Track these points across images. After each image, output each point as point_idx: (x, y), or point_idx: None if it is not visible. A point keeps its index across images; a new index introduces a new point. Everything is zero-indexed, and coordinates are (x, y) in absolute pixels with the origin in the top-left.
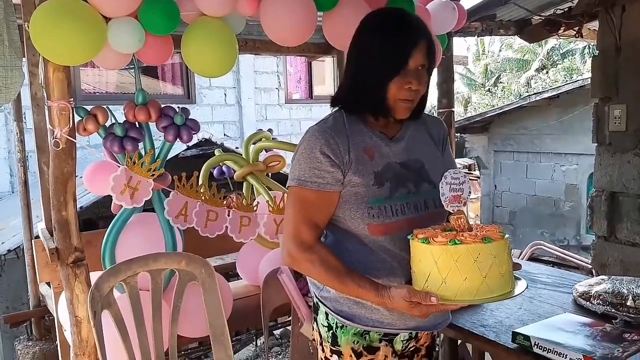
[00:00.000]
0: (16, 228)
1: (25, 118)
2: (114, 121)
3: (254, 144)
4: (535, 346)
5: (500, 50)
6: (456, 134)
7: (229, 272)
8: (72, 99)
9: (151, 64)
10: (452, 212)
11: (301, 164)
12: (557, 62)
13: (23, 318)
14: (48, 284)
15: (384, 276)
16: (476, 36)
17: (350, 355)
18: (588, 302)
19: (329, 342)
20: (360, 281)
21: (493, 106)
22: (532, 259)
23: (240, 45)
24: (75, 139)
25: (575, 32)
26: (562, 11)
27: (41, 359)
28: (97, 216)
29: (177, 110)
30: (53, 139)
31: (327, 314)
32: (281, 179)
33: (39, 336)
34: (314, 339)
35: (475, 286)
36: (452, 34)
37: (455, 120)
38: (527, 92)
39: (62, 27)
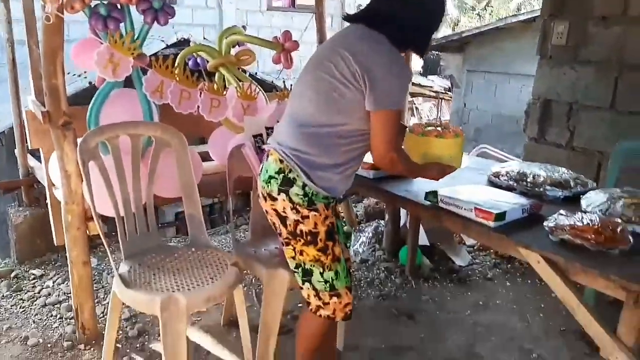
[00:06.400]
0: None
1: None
2: (98, 1)
3: (226, 38)
4: (441, 202)
5: None
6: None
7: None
8: None
9: None
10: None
11: (401, 90)
12: None
13: (15, 185)
14: (37, 158)
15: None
16: None
17: (322, 208)
18: (497, 179)
19: (304, 205)
20: (416, 164)
21: None
22: None
23: None
24: (63, 15)
25: None
26: None
27: (31, 221)
28: None
29: None
30: (44, 13)
31: (304, 186)
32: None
33: (29, 203)
34: (274, 209)
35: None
36: None
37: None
38: None
39: None
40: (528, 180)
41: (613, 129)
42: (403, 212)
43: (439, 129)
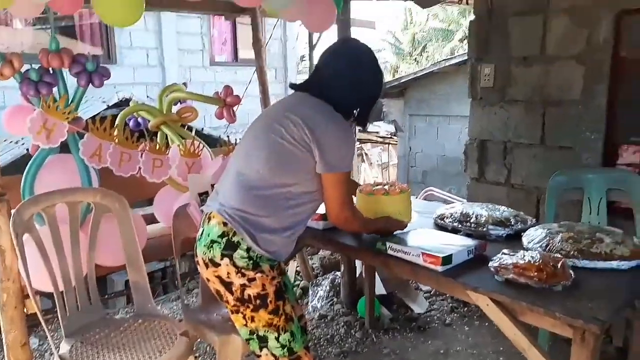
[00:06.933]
0: None
1: None
2: (29, 66)
3: (166, 96)
4: (390, 249)
5: (427, 20)
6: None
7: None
8: None
9: (64, 13)
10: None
11: (350, 154)
12: None
13: None
14: None
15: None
16: None
17: (268, 269)
18: (442, 221)
19: (250, 268)
20: (370, 219)
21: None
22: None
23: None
24: None
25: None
26: None
27: None
28: None
29: (89, 57)
30: None
31: (249, 249)
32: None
33: None
34: (217, 276)
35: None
36: None
37: None
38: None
39: None
40: (471, 220)
41: (546, 164)
42: (359, 262)
43: (385, 187)
